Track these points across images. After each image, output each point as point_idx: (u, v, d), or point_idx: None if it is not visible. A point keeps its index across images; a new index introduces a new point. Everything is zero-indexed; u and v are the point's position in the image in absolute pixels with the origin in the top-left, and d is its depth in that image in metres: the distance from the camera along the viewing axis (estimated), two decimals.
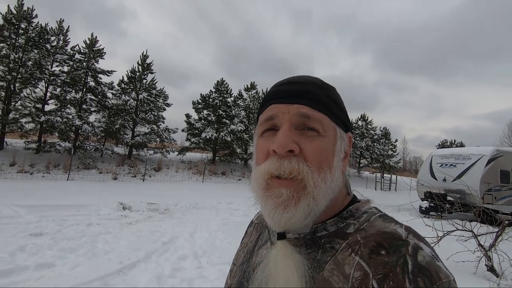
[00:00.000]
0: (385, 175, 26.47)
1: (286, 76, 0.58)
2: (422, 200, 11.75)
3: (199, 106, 19.95)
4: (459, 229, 4.46)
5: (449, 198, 11.01)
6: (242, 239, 0.73)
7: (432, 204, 10.71)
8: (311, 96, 0.51)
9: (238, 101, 20.61)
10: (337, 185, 0.51)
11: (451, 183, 10.82)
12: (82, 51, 15.69)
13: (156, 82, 17.84)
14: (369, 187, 22.90)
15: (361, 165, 28.32)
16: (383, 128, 29.08)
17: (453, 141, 38.30)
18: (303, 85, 0.53)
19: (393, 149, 29.04)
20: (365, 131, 27.43)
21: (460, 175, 10.79)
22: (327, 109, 0.52)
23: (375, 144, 27.05)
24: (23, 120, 13.63)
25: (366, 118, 28.55)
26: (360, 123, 28.22)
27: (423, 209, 10.93)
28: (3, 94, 13.65)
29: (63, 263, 3.71)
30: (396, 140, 30.06)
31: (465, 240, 4.48)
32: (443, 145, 37.69)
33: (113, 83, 16.35)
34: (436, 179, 11.72)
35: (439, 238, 4.46)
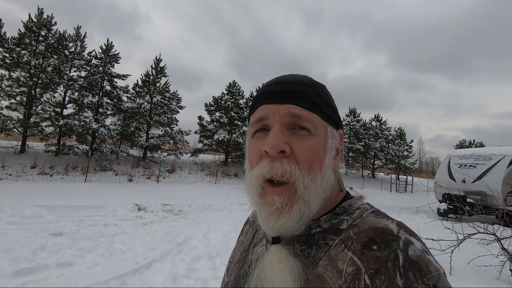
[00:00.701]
0: (400, 176, 25.85)
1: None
2: (440, 202, 11.41)
3: (212, 108, 20.12)
4: (480, 232, 4.30)
5: (469, 200, 10.63)
6: (239, 237, 0.73)
7: (451, 206, 10.37)
8: (301, 95, 0.51)
9: (249, 102, 20.66)
10: (329, 183, 0.52)
11: (471, 184, 10.45)
12: (98, 56, 16.15)
13: (169, 85, 18.16)
14: (383, 188, 22.43)
15: (375, 166, 27.78)
16: (398, 129, 28.45)
17: (472, 141, 37.01)
18: (293, 84, 0.53)
19: (409, 150, 28.35)
20: (379, 131, 26.91)
21: (481, 176, 10.40)
22: (317, 108, 0.52)
23: (390, 144, 26.48)
24: (43, 124, 14.13)
25: (380, 118, 28.01)
26: (374, 123, 27.71)
27: (441, 211, 10.61)
28: (24, 99, 14.22)
29: (82, 262, 3.81)
30: (412, 141, 29.34)
31: (488, 244, 4.31)
32: (461, 145, 36.49)
33: (128, 86, 16.75)
34: (454, 180, 11.34)
35: (459, 241, 4.31)
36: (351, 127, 26.12)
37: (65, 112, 15.28)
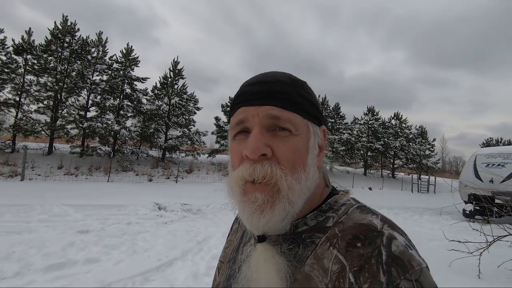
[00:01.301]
0: (422, 176, 24.99)
1: (315, 78, 0.57)
2: (466, 203, 10.94)
3: (228, 109, 20.28)
4: (511, 234, 4.09)
5: (497, 201, 10.12)
6: (228, 236, 0.73)
7: (478, 207, 9.92)
8: (280, 95, 0.50)
9: None
10: (313, 182, 0.51)
11: (499, 184, 9.95)
12: (119, 60, 16.70)
13: (187, 87, 18.47)
14: (404, 189, 21.77)
15: (395, 166, 27.02)
16: (419, 127, 27.54)
17: (499, 139, 35.23)
18: (271, 84, 0.51)
19: (431, 149, 27.37)
20: (399, 130, 26.14)
21: (510, 176, 9.89)
22: (297, 107, 0.51)
23: (411, 143, 25.66)
24: (69, 126, 14.78)
25: (400, 116, 27.22)
26: (393, 122, 26.96)
27: (467, 212, 10.17)
28: (51, 103, 14.94)
29: (107, 259, 3.96)
30: (434, 139, 28.34)
31: None
32: (488, 143, 34.82)
33: (147, 89, 17.20)
34: (481, 180, 10.83)
35: (489, 243, 4.12)
36: (370, 126, 25.53)
37: (88, 114, 15.91)
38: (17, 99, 14.37)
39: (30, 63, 14.39)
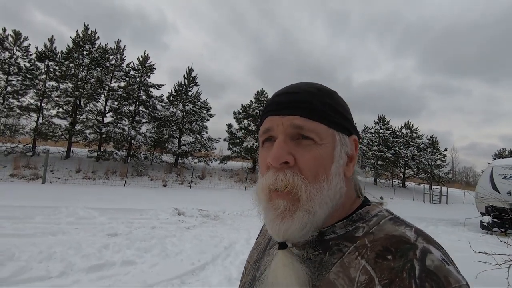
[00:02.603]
0: (434, 186, 24.70)
1: (327, 84, 0.59)
2: (483, 215, 10.82)
3: (240, 116, 20.54)
4: None
5: None
6: (257, 238, 0.75)
7: (496, 220, 9.81)
8: (305, 105, 0.51)
9: None
10: (337, 191, 0.51)
11: None
12: (135, 67, 17.16)
13: (200, 94, 18.82)
14: (416, 199, 21.53)
15: (406, 176, 26.78)
16: (431, 136, 27.33)
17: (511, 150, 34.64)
18: (297, 94, 0.53)
19: (442, 159, 27.08)
20: (410, 139, 25.99)
21: None
22: (322, 117, 0.51)
23: (422, 153, 25.46)
24: (87, 131, 15.17)
25: (411, 125, 27.08)
26: (404, 131, 26.83)
27: (485, 224, 10.04)
28: (70, 108, 15.39)
29: (142, 261, 4.11)
30: (446, 149, 28.05)
31: None
32: (500, 154, 34.23)
33: (162, 96, 17.58)
34: (498, 191, 10.74)
35: None
36: (380, 134, 25.47)
37: (105, 120, 16.31)
38: (38, 104, 14.85)
39: (51, 70, 14.91)
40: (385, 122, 26.57)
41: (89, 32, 15.83)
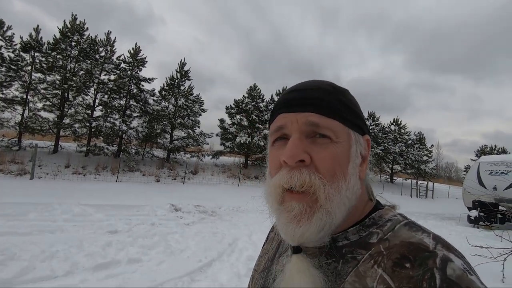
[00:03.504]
0: (420, 181, 25.46)
1: (306, 78, 0.57)
2: (470, 210, 11.25)
3: (232, 111, 20.43)
4: None
5: (500, 207, 10.44)
6: (264, 245, 0.71)
7: (482, 214, 10.22)
8: (320, 102, 0.49)
9: (270, 106, 20.86)
10: (354, 192, 0.49)
11: (503, 191, 10.27)
12: (126, 60, 16.73)
13: (193, 88, 18.57)
14: (404, 194, 22.15)
15: (394, 171, 27.44)
16: (418, 133, 28.04)
17: (494, 147, 36.01)
18: (311, 91, 0.51)
19: (429, 155, 27.88)
20: (398, 135, 26.60)
21: None
22: (337, 115, 0.49)
23: (409, 149, 26.13)
24: (76, 125, 14.73)
25: (400, 122, 27.69)
26: (393, 127, 27.42)
27: (472, 218, 10.44)
28: (58, 101, 14.88)
29: (148, 259, 4.06)
30: (432, 146, 28.88)
31: None
32: (482, 150, 35.52)
33: (154, 90, 17.25)
34: (485, 187, 11.17)
35: None
36: (370, 130, 25.94)
37: (94, 114, 15.88)
38: (24, 96, 14.29)
39: (37, 61, 14.34)
40: (375, 119, 27.04)
41: (78, 23, 15.29)
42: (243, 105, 20.08)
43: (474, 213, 10.47)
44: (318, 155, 0.47)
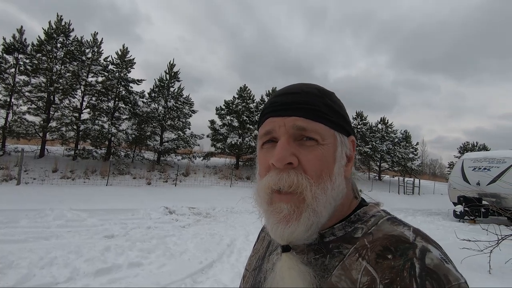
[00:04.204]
0: (406, 178, 26.16)
1: (301, 80, 0.63)
2: (455, 205, 11.69)
3: (222, 112, 20.41)
4: None
5: (484, 202, 10.91)
6: (255, 244, 0.73)
7: (467, 209, 10.65)
8: (306, 106, 0.51)
9: (260, 106, 20.97)
10: (339, 191, 0.51)
11: (486, 186, 10.73)
12: (114, 61, 16.46)
13: (183, 90, 18.45)
14: (391, 191, 22.70)
15: (382, 169, 28.07)
16: (404, 131, 28.77)
17: (475, 143, 37.36)
18: (298, 95, 0.52)
19: (414, 152, 28.66)
20: (385, 134, 27.24)
21: (496, 179, 10.69)
22: (323, 118, 0.51)
23: (396, 147, 26.80)
24: (63, 128, 14.38)
25: (386, 121, 28.33)
26: (380, 126, 28.04)
27: (458, 213, 10.86)
28: (43, 104, 14.49)
29: (148, 263, 4.07)
30: (417, 143, 29.68)
31: None
32: (465, 147, 36.79)
33: (144, 91, 17.05)
34: (469, 183, 11.63)
35: (498, 241, 4.57)
36: (358, 130, 26.47)
37: (82, 117, 15.55)
38: (7, 100, 13.84)
39: (21, 63, 13.93)
40: (363, 118, 27.59)
41: (63, 23, 14.94)
42: (233, 106, 20.09)
43: (459, 208, 10.89)
44: (305, 158, 0.49)
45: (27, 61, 13.95)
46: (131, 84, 16.73)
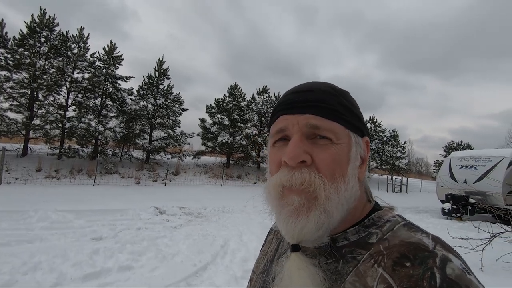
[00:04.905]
0: (394, 177, 26.62)
1: (291, 79, 0.61)
2: (443, 202, 11.92)
3: (213, 110, 20.20)
4: (508, 231, 4.64)
5: (470, 200, 11.16)
6: (262, 247, 0.71)
7: (454, 206, 10.87)
8: (320, 104, 0.50)
9: (251, 105, 20.86)
10: (353, 193, 0.49)
11: (472, 184, 10.98)
12: (101, 58, 16.00)
13: (172, 87, 18.12)
14: (380, 189, 23.05)
15: (370, 168, 28.46)
16: (392, 130, 29.27)
17: (460, 142, 38.38)
18: (312, 93, 0.51)
19: (402, 151, 29.20)
20: (374, 133, 27.62)
21: (482, 177, 10.96)
22: (338, 117, 0.50)
23: (385, 146, 27.23)
24: (48, 126, 13.88)
25: (375, 120, 28.75)
26: (369, 125, 28.42)
27: (446, 211, 11.07)
28: (26, 101, 13.94)
29: (140, 266, 3.91)
30: (405, 142, 30.27)
31: None
32: (450, 146, 37.76)
33: (132, 89, 16.65)
34: (456, 181, 11.88)
35: (489, 239, 4.64)
36: None
37: (67, 114, 15.06)
38: None
39: (2, 58, 13.34)
40: None
41: (47, 17, 14.39)
42: (224, 104, 19.91)
43: (447, 206, 11.10)
44: (318, 156, 0.48)
45: (9, 55, 13.37)
46: (119, 81, 16.33)
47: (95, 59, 15.71)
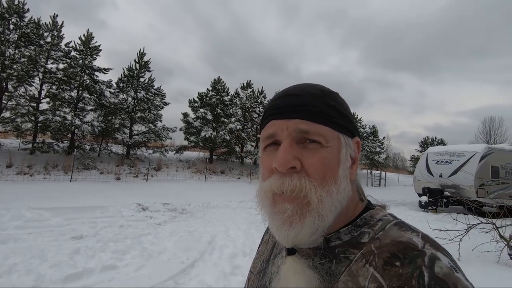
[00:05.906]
0: (374, 171, 27.46)
1: (274, 74, 0.60)
2: (420, 196, 12.43)
3: (196, 104, 19.84)
4: (483, 222, 4.89)
5: (445, 193, 11.71)
6: (259, 247, 0.72)
7: (431, 199, 11.36)
8: (308, 108, 0.49)
9: (235, 99, 20.68)
10: (345, 195, 0.50)
11: (447, 178, 11.51)
12: (77, 48, 15.21)
13: (154, 80, 17.58)
14: (360, 183, 23.68)
15: None
16: (372, 126, 30.10)
17: (434, 138, 40.11)
18: (300, 97, 0.51)
19: (381, 146, 30.15)
20: None
21: (456, 171, 11.51)
22: (327, 120, 0.50)
23: (365, 141, 27.97)
24: (19, 119, 13.07)
25: (356, 116, 29.42)
26: None
27: (423, 203, 11.55)
28: None
29: (124, 265, 3.78)
30: (384, 138, 31.25)
31: (487, 232, 4.93)
32: (425, 142, 39.40)
33: (111, 81, 15.98)
34: (432, 175, 12.40)
35: (467, 230, 4.87)
36: None
37: (40, 107, 14.24)
38: None
39: None
40: None
41: (16, 2, 13.45)
42: (207, 98, 19.61)
43: (424, 199, 11.59)
44: (308, 161, 0.48)
45: None
46: (96, 73, 15.60)
47: (71, 49, 14.91)
